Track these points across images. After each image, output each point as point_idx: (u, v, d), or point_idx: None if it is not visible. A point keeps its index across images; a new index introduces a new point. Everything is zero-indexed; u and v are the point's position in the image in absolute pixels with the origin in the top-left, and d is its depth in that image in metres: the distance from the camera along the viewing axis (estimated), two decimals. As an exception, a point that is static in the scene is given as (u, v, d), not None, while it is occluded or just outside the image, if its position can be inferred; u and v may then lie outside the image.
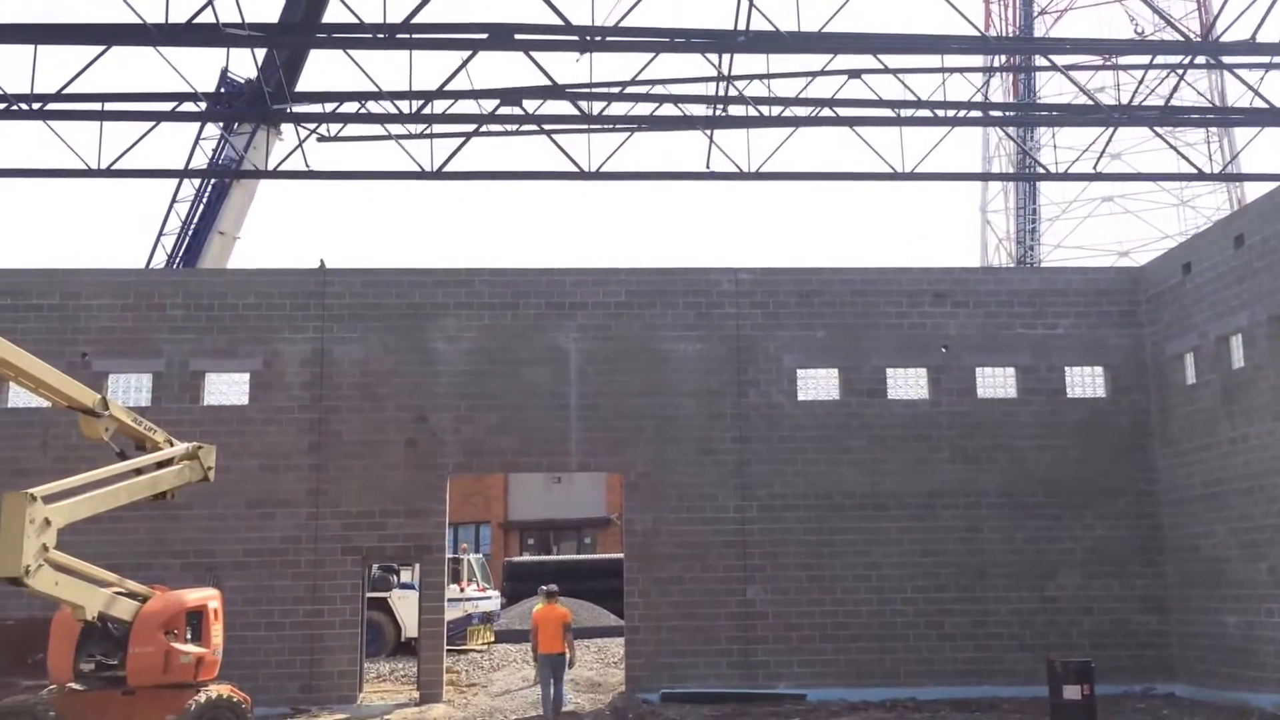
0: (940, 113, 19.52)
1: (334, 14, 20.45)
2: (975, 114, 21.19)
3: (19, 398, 18.91)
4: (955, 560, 19.96)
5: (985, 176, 43.56)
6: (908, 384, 20.84)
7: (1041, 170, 31.19)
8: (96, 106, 18.43)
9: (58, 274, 19.94)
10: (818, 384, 20.70)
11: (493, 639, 27.77)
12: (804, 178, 19.30)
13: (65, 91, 17.51)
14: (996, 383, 20.97)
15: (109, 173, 18.07)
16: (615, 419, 20.02)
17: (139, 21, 14.32)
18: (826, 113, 19.23)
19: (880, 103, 19.22)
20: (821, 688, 19.19)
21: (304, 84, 21.59)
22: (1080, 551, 20.12)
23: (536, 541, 42.97)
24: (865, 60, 18.71)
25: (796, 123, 18.93)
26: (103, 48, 16.06)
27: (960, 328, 20.82)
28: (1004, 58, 29.80)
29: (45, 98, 17.69)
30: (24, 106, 17.68)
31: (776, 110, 19.03)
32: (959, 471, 20.27)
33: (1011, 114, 26.96)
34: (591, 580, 30.34)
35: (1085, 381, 21.08)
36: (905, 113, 19.09)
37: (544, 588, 18.31)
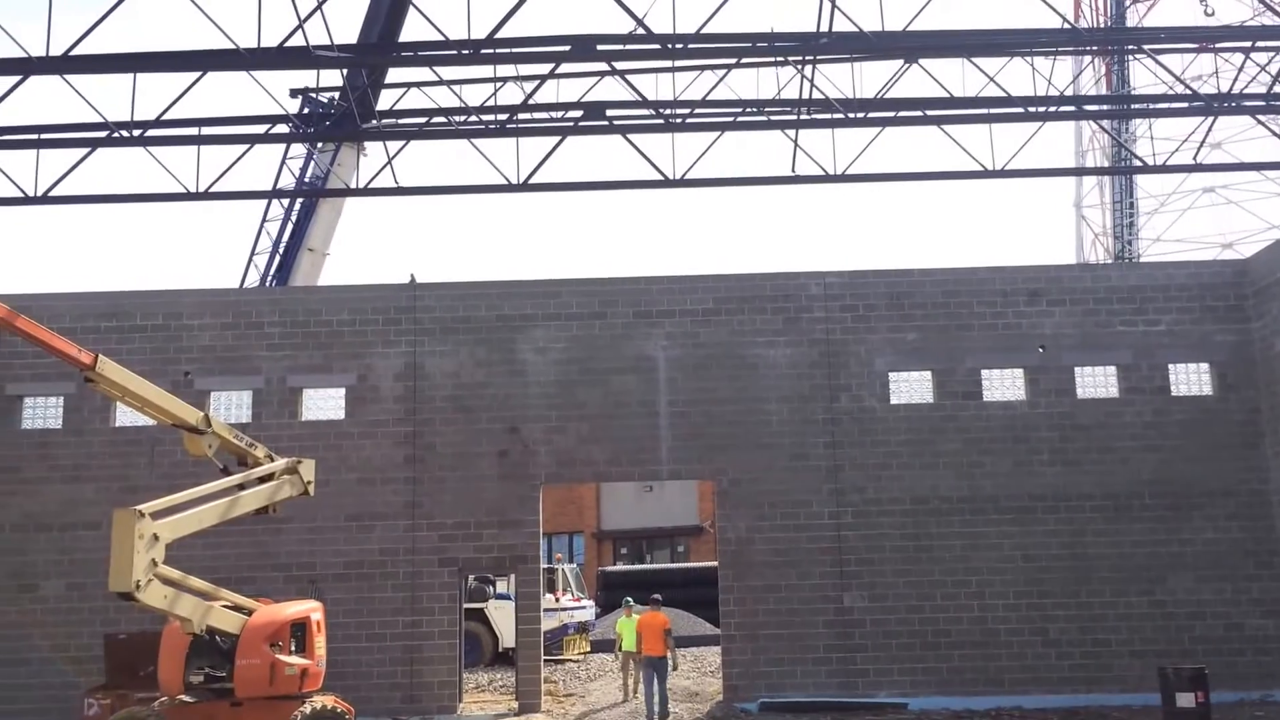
0: (1031, 108, 19.03)
1: (410, 31, 20.80)
2: (1068, 108, 20.60)
3: (126, 417, 19.51)
4: (1058, 565, 19.42)
5: (1079, 171, 42.38)
6: (1004, 385, 20.36)
7: (1138, 163, 30.28)
8: (193, 131, 18.94)
9: (160, 295, 20.55)
10: (910, 387, 20.36)
11: (588, 649, 27.86)
12: (891, 179, 18.96)
13: (164, 118, 18.04)
14: (1096, 382, 20.38)
15: (207, 195, 18.54)
16: (705, 426, 19.93)
17: (232, 47, 14.67)
18: (913, 112, 18.89)
19: (968, 100, 18.81)
20: (923, 696, 18.83)
21: (386, 101, 21.92)
22: (1190, 555, 19.42)
23: (629, 551, 43.00)
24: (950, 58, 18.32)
25: (883, 123, 18.61)
26: (199, 74, 16.51)
27: (1057, 326, 20.29)
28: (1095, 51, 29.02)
29: (145, 124, 18.23)
30: (125, 134, 18.25)
31: (861, 111, 18.73)
32: (1060, 474, 19.73)
33: (1105, 106, 26.21)
34: (686, 589, 30.23)
35: (1190, 379, 20.37)
36: (995, 110, 18.64)
37: (627, 599, 18.81)
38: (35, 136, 17.58)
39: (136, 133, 17.90)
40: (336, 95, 22.29)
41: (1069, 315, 20.34)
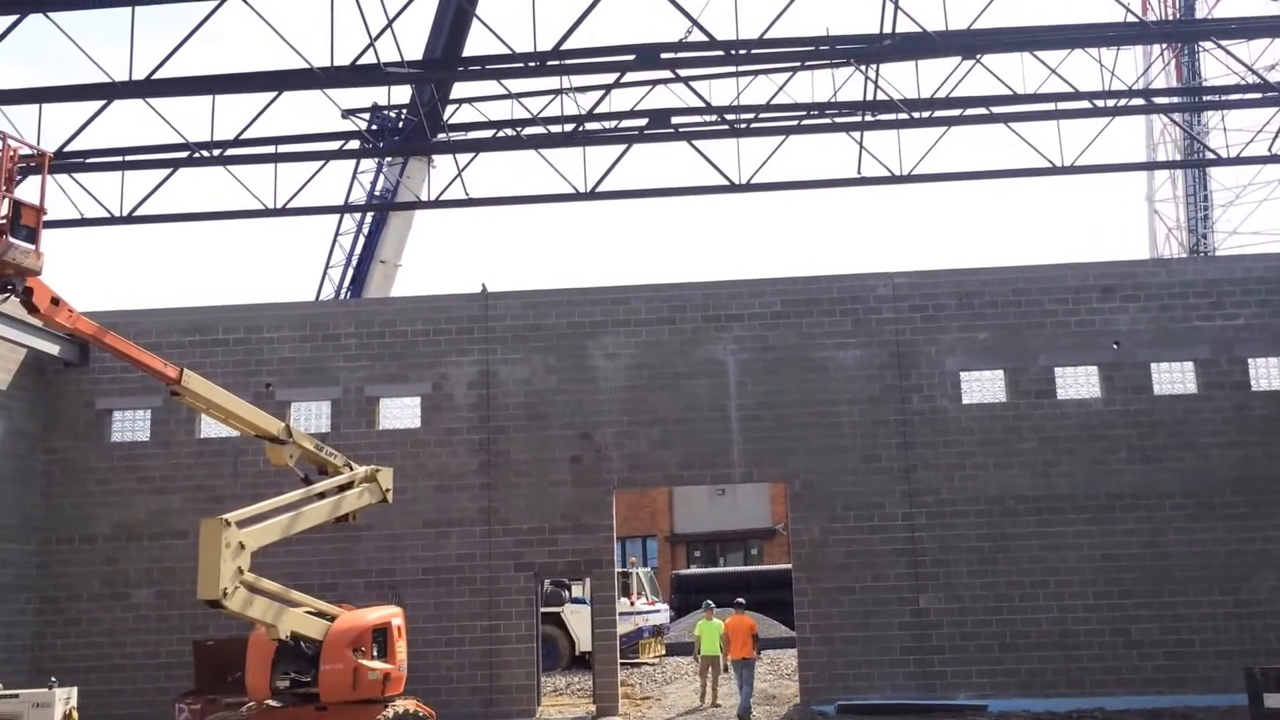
0: (1100, 103, 18.79)
1: (473, 45, 21.11)
2: (1137, 102, 20.28)
3: (211, 428, 20.07)
4: (1139, 564, 19.10)
5: (1151, 166, 41.44)
6: (1078, 383, 20.09)
7: (1212, 155, 29.62)
8: (270, 149, 19.48)
9: (241, 310, 21.10)
10: (983, 386, 20.17)
11: (664, 652, 27.95)
12: (958, 178, 18.88)
13: (242, 137, 18.59)
14: (1174, 378, 20.02)
15: (284, 211, 19.06)
16: (776, 429, 19.95)
17: (307, 66, 15.08)
18: (978, 110, 18.76)
19: (1034, 96, 18.62)
20: (1003, 698, 18.62)
21: (452, 114, 22.28)
22: (1274, 553, 18.97)
23: (703, 554, 43.03)
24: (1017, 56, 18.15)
25: (948, 122, 18.52)
26: (275, 93, 17.00)
27: (1132, 323, 19.97)
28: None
29: (224, 144, 18.79)
30: (205, 153, 18.82)
31: (927, 112, 18.64)
32: (1139, 472, 19.40)
33: (1176, 99, 25.67)
34: (760, 591, 30.16)
35: (1271, 374, 19.91)
36: (1063, 105, 18.43)
37: (708, 602, 20.32)
38: (120, 159, 18.22)
39: (216, 152, 18.47)
40: (403, 110, 22.71)
41: (1144, 311, 20.01)
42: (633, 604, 27.30)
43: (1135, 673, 18.74)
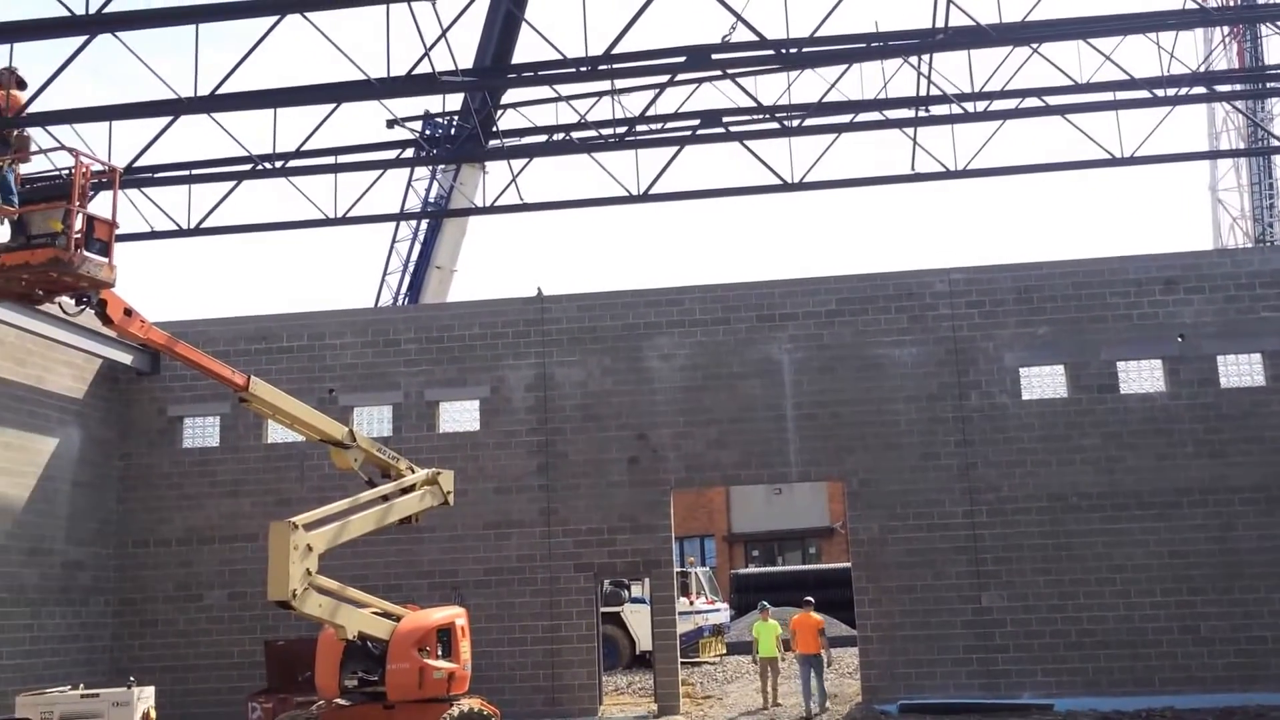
0: (1159, 91, 18.46)
1: (522, 51, 21.22)
2: (1198, 89, 19.89)
3: (278, 434, 20.54)
4: (1208, 561, 18.77)
5: (1214, 155, 40.55)
6: (1141, 377, 19.80)
7: (1277, 142, 28.95)
8: (330, 160, 19.82)
9: (304, 317, 21.54)
10: (1043, 382, 19.96)
11: (724, 651, 28.00)
12: (1015, 171, 18.65)
13: (302, 149, 18.94)
14: (1241, 371, 19.65)
15: (344, 220, 19.38)
16: (833, 427, 19.91)
17: (364, 78, 15.36)
18: (1035, 102, 18.52)
19: (1092, 86, 18.35)
20: (1069, 697, 18.42)
21: (500, 115, 22.49)
22: (1352, 548, 18.52)
23: (761, 553, 42.99)
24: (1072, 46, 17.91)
25: (1004, 115, 18.31)
26: (333, 105, 17.31)
27: (1196, 315, 19.63)
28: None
29: (286, 155, 19.16)
30: (268, 165, 19.22)
31: (981, 105, 18.47)
32: (1206, 467, 19.07)
33: (1238, 86, 25.14)
34: (819, 590, 30.01)
35: (1345, 364, 19.44)
36: (1121, 95, 18.15)
37: (763, 603, 20.53)
38: (187, 173, 18.66)
39: (278, 164, 18.85)
40: (454, 117, 22.97)
41: (1209, 303, 19.66)
42: (692, 603, 27.39)
43: (1205, 670, 18.43)
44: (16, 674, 17.18)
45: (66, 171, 11.62)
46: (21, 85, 12.87)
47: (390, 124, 22.22)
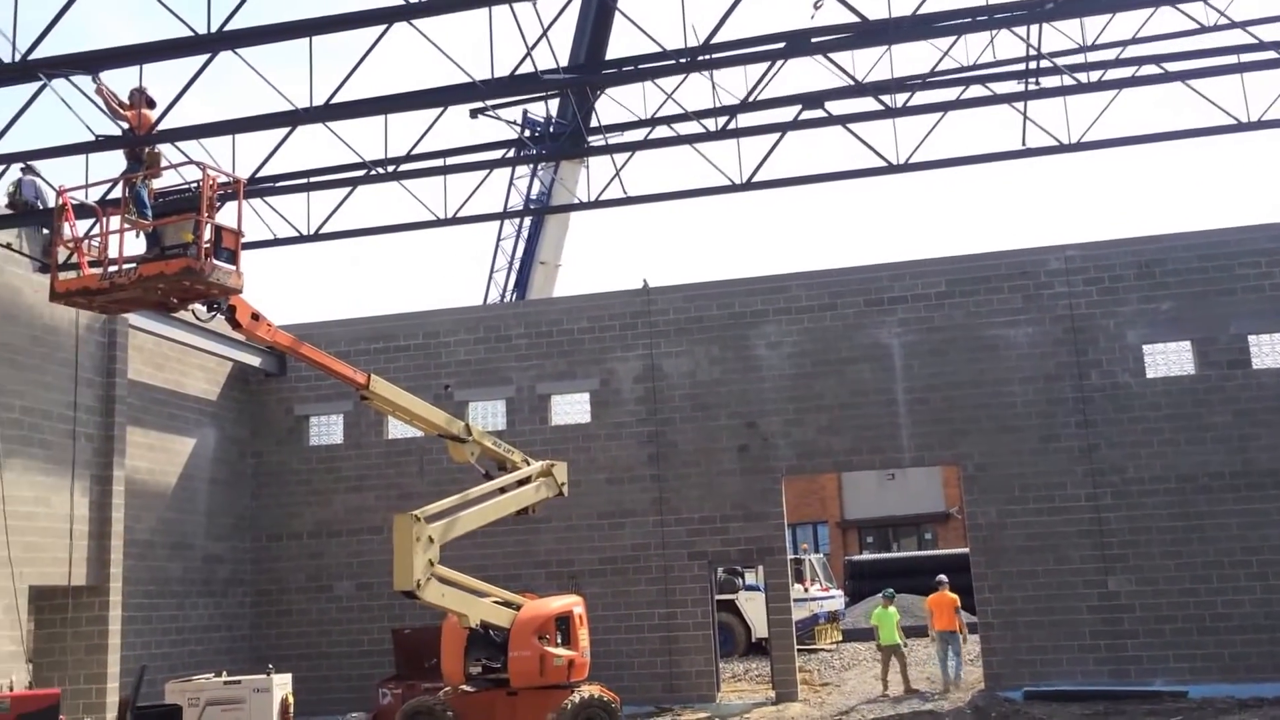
0: (1288, 50, 17.60)
1: (617, 45, 21.31)
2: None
3: (397, 430, 21.19)
4: (1351, 541, 17.92)
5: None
6: (1275, 351, 18.98)
7: None
8: (439, 162, 20.28)
9: (419, 317, 22.15)
10: (1168, 359, 19.33)
11: (840, 638, 27.83)
12: (1133, 142, 17.98)
13: (413, 152, 19.42)
14: (1385, 340, 18.68)
15: (455, 220, 19.81)
16: (947, 411, 19.61)
17: (468, 80, 15.69)
18: (1153, 69, 17.88)
19: (1215, 50, 17.61)
20: (1203, 683, 17.82)
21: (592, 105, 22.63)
22: None
23: (875, 539, 42.53)
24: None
25: (1120, 84, 17.72)
26: (441, 108, 17.71)
27: (1334, 283, 18.73)
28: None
29: (398, 160, 19.68)
30: (381, 170, 19.77)
31: (1095, 75, 17.90)
32: (1347, 443, 18.19)
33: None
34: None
35: None
36: (1245, 57, 17.38)
37: (889, 590, 21.09)
38: (305, 180, 19.32)
39: (390, 168, 19.38)
40: (551, 114, 23.22)
41: (1347, 270, 18.73)
42: (806, 590, 27.28)
43: (1350, 656, 17.63)
44: (165, 662, 18.15)
45: (195, 185, 12.21)
46: (151, 105, 13.53)
47: (473, 114, 22.40)
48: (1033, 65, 17.51)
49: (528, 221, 28.56)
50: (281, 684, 14.70)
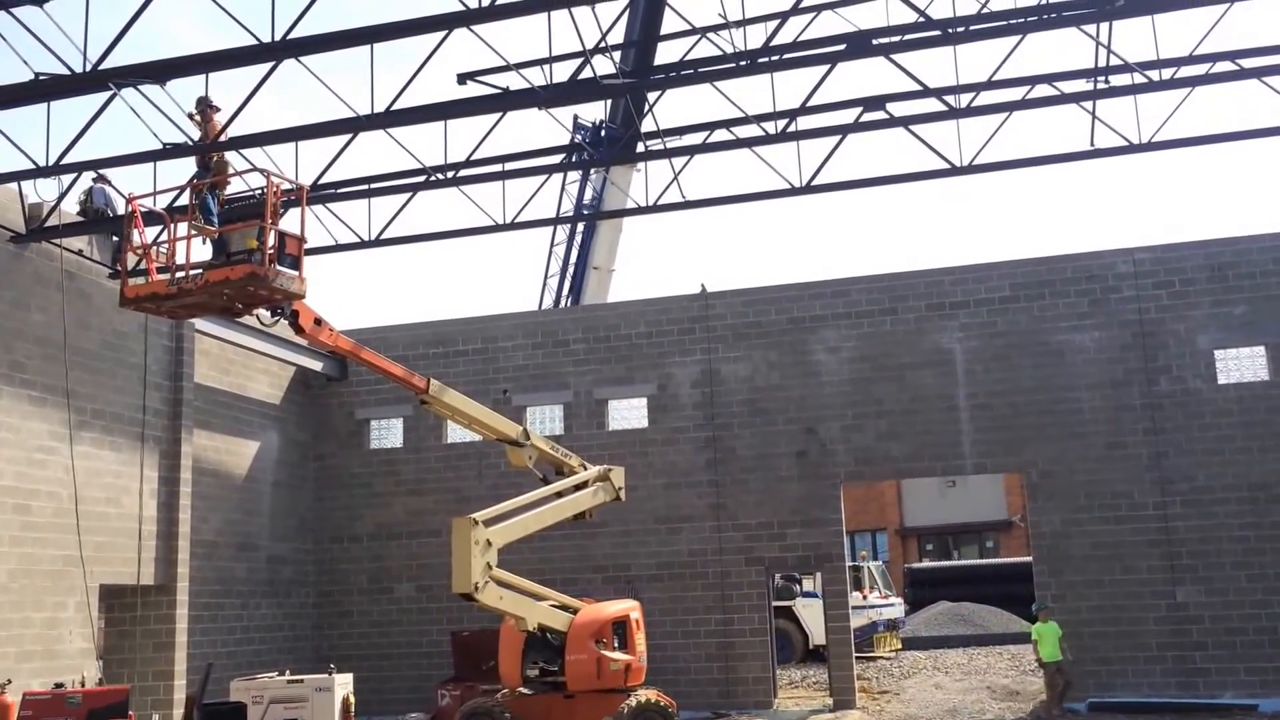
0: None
1: (669, 48, 21.15)
2: None
3: (456, 434, 21.34)
4: None
5: None
6: (1354, 356, 18.42)
7: None
8: (498, 168, 20.38)
9: (477, 322, 22.30)
10: (1240, 364, 18.85)
11: (899, 646, 27.50)
12: (1205, 142, 17.53)
13: (472, 158, 19.55)
14: None
15: (513, 225, 19.91)
16: (1010, 417, 19.29)
17: (528, 86, 15.76)
18: (1227, 66, 17.42)
19: (1290, 46, 17.11)
20: (1275, 697, 17.33)
21: (650, 109, 22.59)
22: None
23: (935, 547, 41.98)
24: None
25: (1191, 83, 17.29)
26: (500, 114, 17.81)
27: None
28: None
29: (457, 166, 19.82)
30: (440, 176, 19.93)
31: (1166, 73, 17.49)
32: None
33: None
34: (997, 585, 29.24)
35: None
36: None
37: (1046, 604, 18.58)
38: (366, 187, 19.54)
39: (450, 174, 19.52)
40: (604, 118, 23.23)
41: None
42: (865, 598, 26.98)
43: None
44: (230, 660, 18.45)
45: (259, 192, 12.39)
46: (216, 112, 13.76)
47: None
48: (1101, 63, 17.16)
49: (580, 226, 28.61)
50: (343, 683, 14.85)
